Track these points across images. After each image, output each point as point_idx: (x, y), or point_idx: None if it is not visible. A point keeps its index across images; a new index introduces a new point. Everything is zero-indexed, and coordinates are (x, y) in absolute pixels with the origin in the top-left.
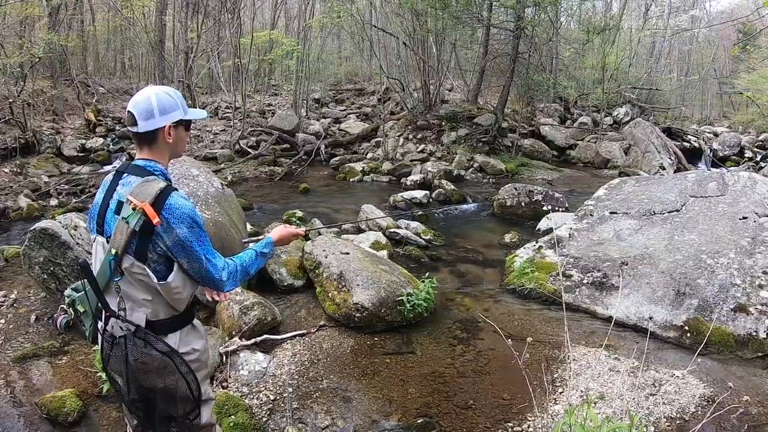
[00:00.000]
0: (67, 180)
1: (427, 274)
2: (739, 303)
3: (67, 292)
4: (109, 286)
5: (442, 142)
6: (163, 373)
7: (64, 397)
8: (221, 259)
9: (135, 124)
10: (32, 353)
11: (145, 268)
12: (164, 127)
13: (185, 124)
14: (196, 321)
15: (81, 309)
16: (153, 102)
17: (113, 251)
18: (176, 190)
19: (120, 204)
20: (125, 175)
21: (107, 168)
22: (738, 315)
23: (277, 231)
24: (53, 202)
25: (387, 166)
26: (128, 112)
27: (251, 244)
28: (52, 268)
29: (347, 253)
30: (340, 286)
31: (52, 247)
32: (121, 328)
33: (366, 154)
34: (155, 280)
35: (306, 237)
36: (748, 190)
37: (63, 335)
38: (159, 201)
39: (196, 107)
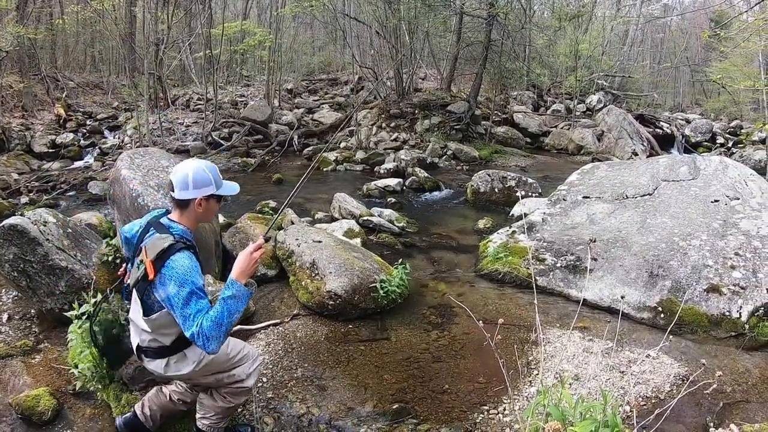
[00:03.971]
0: (37, 177)
1: (400, 261)
2: (712, 284)
3: None
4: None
5: (415, 131)
6: None
7: (38, 396)
8: (197, 322)
9: (173, 190)
10: (5, 353)
11: (139, 303)
12: (196, 198)
13: (216, 198)
14: (188, 351)
15: None
16: (189, 176)
17: (128, 282)
18: (183, 249)
19: (142, 249)
20: (152, 229)
21: (78, 164)
22: (711, 295)
23: (236, 266)
24: (24, 199)
25: (360, 155)
26: (169, 179)
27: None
28: (22, 266)
29: (320, 241)
30: (313, 275)
31: (21, 244)
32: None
33: (339, 144)
34: (142, 315)
35: (267, 240)
36: (719, 174)
37: (36, 334)
38: (161, 258)
39: (167, 100)
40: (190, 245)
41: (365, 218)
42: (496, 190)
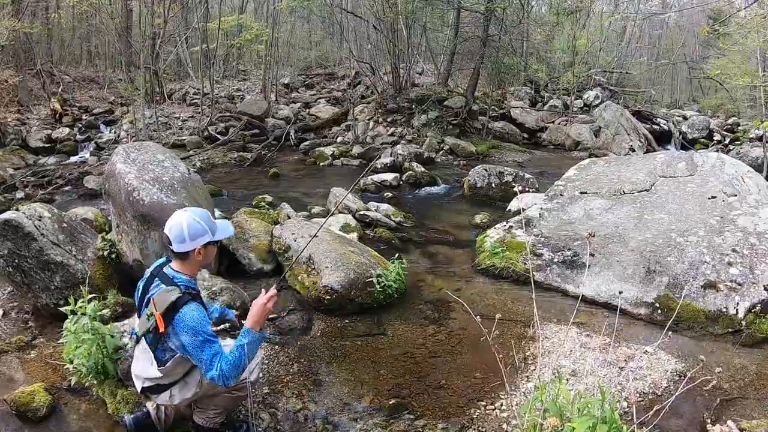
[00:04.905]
0: (33, 172)
1: (397, 255)
2: (709, 280)
3: None
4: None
5: (412, 125)
6: None
7: (33, 392)
8: (216, 366)
9: (170, 243)
10: (0, 349)
11: (150, 353)
12: (195, 249)
13: (214, 242)
14: (188, 377)
15: None
16: (185, 230)
17: (136, 329)
18: (190, 301)
19: (149, 301)
20: (157, 280)
21: (74, 159)
22: (708, 292)
23: (251, 315)
24: (19, 194)
25: (357, 149)
26: (165, 234)
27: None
28: (17, 261)
29: (316, 236)
30: (309, 269)
31: (16, 239)
32: None
33: (336, 138)
34: (156, 365)
35: (279, 290)
36: (716, 171)
37: (32, 330)
38: (170, 311)
39: (163, 94)
40: (195, 294)
41: (362, 213)
42: (493, 185)
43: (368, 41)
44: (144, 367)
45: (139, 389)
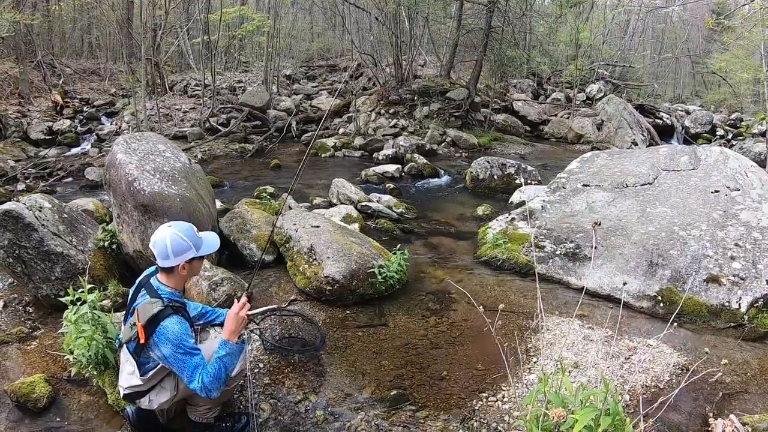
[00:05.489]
0: (34, 164)
1: (398, 247)
2: (712, 274)
3: None
4: None
5: (414, 117)
6: None
7: (34, 383)
8: (197, 378)
9: (155, 258)
10: (0, 340)
11: (134, 363)
12: (179, 264)
13: (199, 257)
14: (164, 382)
15: None
16: (168, 247)
17: (120, 337)
18: (172, 315)
19: (134, 311)
20: (143, 290)
21: (75, 150)
22: (710, 286)
23: (226, 327)
24: (20, 186)
25: (359, 141)
26: (150, 249)
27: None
28: (17, 252)
29: (317, 226)
30: (311, 260)
31: (16, 230)
32: None
33: (338, 130)
34: (138, 374)
35: (249, 297)
36: (720, 165)
37: (32, 321)
38: (152, 323)
39: (165, 86)
40: (179, 307)
41: (363, 204)
42: (495, 177)
43: (370, 33)
44: (126, 377)
45: (121, 396)
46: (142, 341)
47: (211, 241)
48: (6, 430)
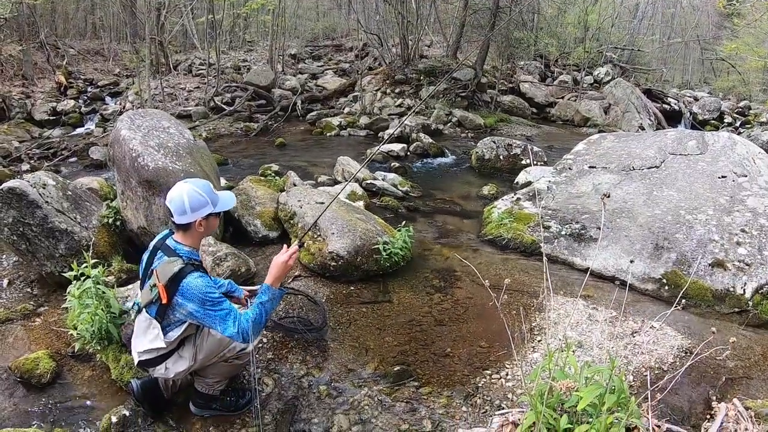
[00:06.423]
0: (38, 144)
1: (403, 224)
2: (717, 258)
3: None
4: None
5: (420, 97)
6: None
7: (38, 359)
8: (232, 323)
9: (171, 215)
10: (5, 317)
11: (158, 325)
12: (196, 220)
13: (215, 214)
14: (182, 350)
15: None
16: (186, 202)
17: (139, 301)
18: (193, 271)
19: (152, 272)
20: (159, 252)
21: (79, 130)
22: (716, 270)
23: (272, 272)
24: (25, 167)
25: (364, 120)
26: (166, 206)
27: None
28: (21, 229)
29: (322, 203)
30: (315, 236)
31: (20, 207)
32: None
33: (343, 109)
34: (162, 337)
35: (301, 246)
36: (727, 150)
37: (36, 298)
38: (173, 282)
39: (169, 65)
40: (198, 265)
41: (369, 182)
42: (501, 157)
43: (376, 12)
44: (143, 341)
45: (136, 363)
46: (164, 301)
47: (227, 198)
48: (10, 405)
